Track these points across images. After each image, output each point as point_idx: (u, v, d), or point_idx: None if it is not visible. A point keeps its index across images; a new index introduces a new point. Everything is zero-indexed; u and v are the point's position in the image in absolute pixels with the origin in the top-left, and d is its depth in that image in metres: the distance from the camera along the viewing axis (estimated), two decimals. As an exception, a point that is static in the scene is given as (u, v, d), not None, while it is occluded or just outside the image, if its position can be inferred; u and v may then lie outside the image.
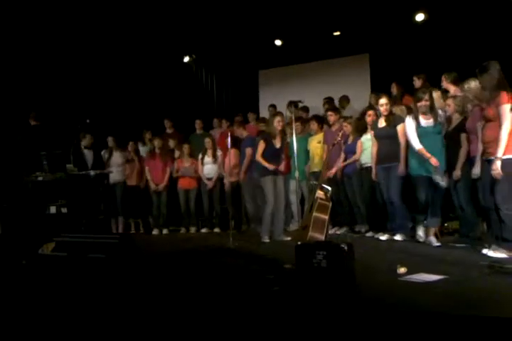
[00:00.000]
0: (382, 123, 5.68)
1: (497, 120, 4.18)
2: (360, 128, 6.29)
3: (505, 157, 4.11)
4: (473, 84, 4.70)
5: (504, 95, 4.13)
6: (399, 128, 5.44)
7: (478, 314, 2.50)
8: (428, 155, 4.96)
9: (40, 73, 8.40)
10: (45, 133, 6.88)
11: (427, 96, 5.10)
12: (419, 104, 5.14)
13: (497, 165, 4.10)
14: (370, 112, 5.99)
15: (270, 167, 5.92)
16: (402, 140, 5.42)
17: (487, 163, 4.33)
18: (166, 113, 9.54)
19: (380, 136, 5.67)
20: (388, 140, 5.55)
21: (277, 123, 5.96)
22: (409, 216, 5.52)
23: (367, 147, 6.01)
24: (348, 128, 6.34)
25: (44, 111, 7.45)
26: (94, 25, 8.26)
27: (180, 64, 10.56)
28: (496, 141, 4.15)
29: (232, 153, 7.13)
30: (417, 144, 5.07)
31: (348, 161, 6.30)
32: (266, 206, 5.97)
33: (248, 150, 6.85)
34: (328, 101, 8.02)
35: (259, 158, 6.04)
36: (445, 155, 5.07)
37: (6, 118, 7.39)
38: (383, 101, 5.62)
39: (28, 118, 7.25)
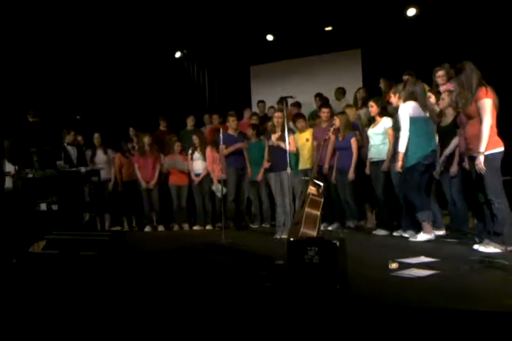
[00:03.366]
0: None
1: (477, 116, 4.21)
2: (352, 124, 6.29)
3: (487, 152, 4.13)
4: None
5: (483, 90, 4.18)
6: None
7: (469, 309, 2.52)
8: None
9: (34, 70, 8.36)
10: (44, 130, 6.82)
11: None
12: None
13: (480, 159, 4.12)
14: (372, 103, 5.77)
15: (265, 165, 6.35)
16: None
17: (470, 159, 4.36)
18: (157, 109, 9.48)
19: None
20: None
21: (276, 119, 6.07)
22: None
23: (375, 142, 5.74)
24: (337, 122, 6.17)
25: (39, 108, 7.42)
26: (86, 22, 8.20)
27: (171, 59, 10.50)
28: (476, 137, 4.18)
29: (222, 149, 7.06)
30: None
31: (353, 161, 6.10)
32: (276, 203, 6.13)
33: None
34: (320, 97, 7.99)
35: (266, 155, 6.36)
36: (439, 150, 5.10)
37: (3, 115, 7.33)
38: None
39: (27, 115, 7.22)
